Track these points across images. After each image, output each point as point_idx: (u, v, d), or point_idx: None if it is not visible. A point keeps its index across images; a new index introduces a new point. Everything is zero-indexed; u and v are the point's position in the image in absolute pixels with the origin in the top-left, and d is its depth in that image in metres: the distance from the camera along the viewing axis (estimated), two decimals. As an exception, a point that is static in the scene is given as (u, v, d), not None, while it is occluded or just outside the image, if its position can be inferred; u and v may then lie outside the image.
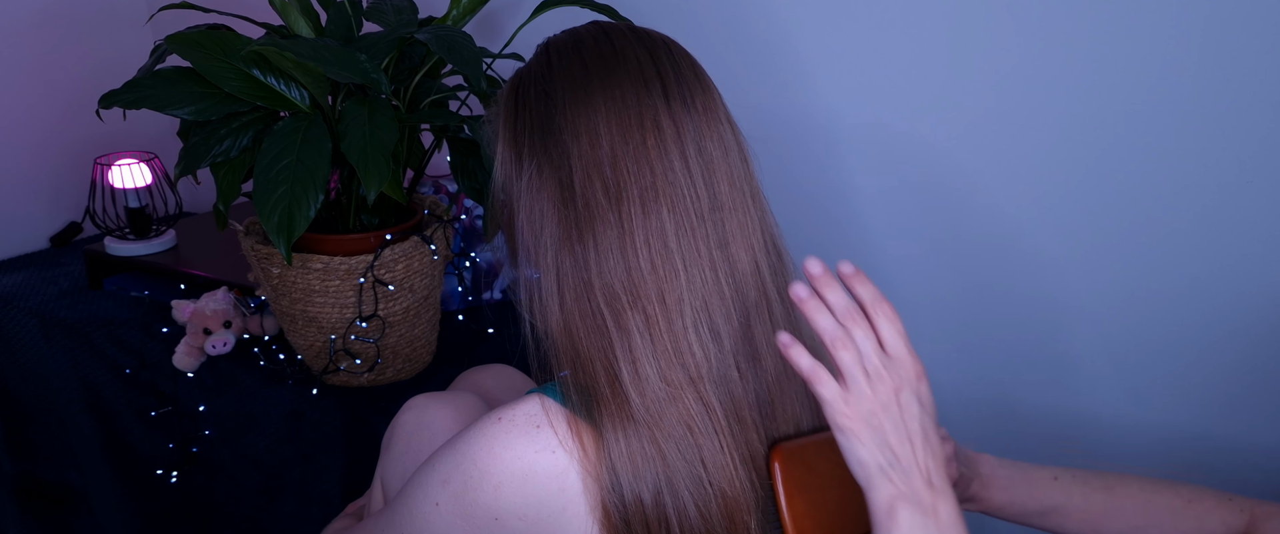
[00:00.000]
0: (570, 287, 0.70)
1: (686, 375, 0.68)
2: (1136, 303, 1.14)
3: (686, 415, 0.68)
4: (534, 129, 0.72)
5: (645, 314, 0.68)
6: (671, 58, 0.73)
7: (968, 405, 1.31)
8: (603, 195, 0.69)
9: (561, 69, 0.72)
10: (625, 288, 0.69)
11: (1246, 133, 1.02)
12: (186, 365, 1.32)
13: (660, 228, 0.69)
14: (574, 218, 0.70)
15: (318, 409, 1.28)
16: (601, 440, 0.68)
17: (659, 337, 0.68)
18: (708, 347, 0.69)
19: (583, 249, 0.69)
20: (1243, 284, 1.07)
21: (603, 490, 0.67)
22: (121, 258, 1.58)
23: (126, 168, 1.58)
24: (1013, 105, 1.14)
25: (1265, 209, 1.03)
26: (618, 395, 0.68)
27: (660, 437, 0.67)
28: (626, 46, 0.73)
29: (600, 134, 0.70)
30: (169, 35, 1.09)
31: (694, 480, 0.68)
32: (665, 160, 0.69)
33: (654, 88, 0.71)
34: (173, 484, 1.36)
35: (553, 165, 0.71)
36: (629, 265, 0.69)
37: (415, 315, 1.27)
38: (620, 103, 0.70)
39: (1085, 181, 1.12)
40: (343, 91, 1.14)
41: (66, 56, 1.77)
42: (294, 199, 1.02)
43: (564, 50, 0.74)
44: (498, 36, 1.51)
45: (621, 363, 0.68)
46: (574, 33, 0.75)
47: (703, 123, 0.72)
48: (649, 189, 0.69)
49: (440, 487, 0.70)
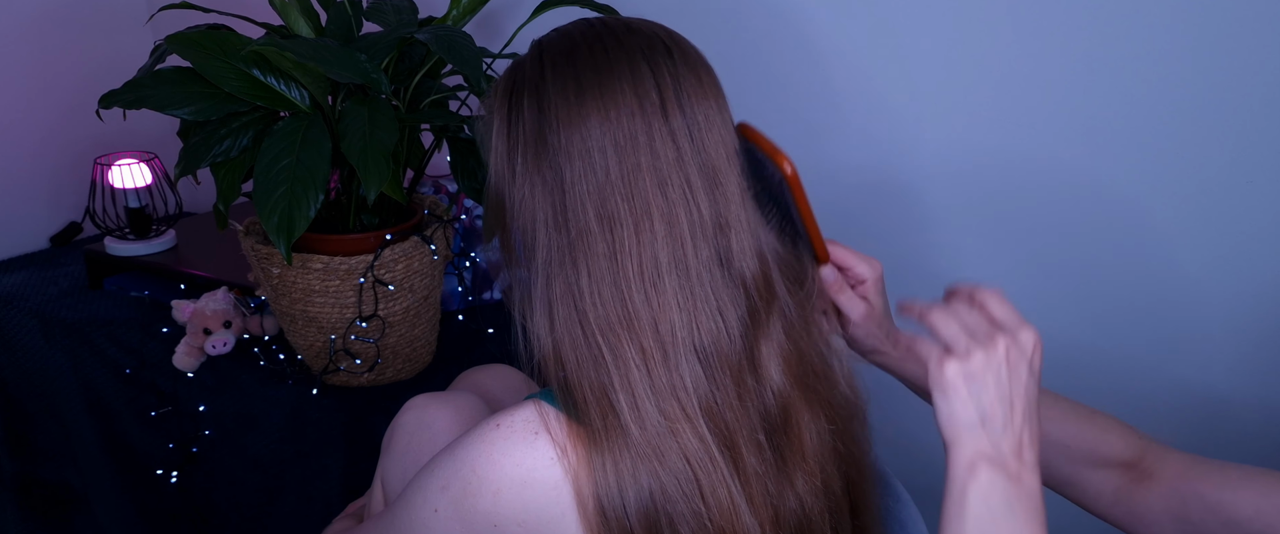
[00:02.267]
0: (561, 313, 0.68)
1: (682, 410, 0.67)
2: (1137, 303, 1.14)
3: (685, 449, 0.67)
4: (527, 145, 0.69)
5: (641, 347, 0.67)
6: (671, 61, 0.69)
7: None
8: (596, 222, 0.67)
9: (555, 80, 0.69)
10: (620, 320, 0.67)
11: (1246, 133, 1.02)
12: (186, 365, 1.32)
13: (654, 256, 0.67)
14: (567, 243, 0.68)
15: (318, 409, 1.28)
16: (596, 458, 0.67)
17: (655, 369, 0.67)
18: (700, 378, 0.68)
19: (575, 275, 0.67)
20: (1243, 284, 1.07)
21: (597, 503, 0.67)
22: (121, 258, 1.58)
23: (126, 168, 1.58)
24: (1012, 105, 1.14)
25: (1265, 209, 1.03)
26: (614, 426, 0.66)
27: (660, 470, 0.66)
28: (621, 56, 0.69)
29: (594, 157, 0.67)
30: (169, 35, 1.09)
31: (693, 514, 0.67)
32: (663, 183, 0.67)
33: (652, 104, 0.67)
34: (173, 484, 1.36)
35: (546, 187, 0.68)
36: (623, 296, 0.67)
37: (415, 315, 1.27)
38: (616, 125, 0.67)
39: (1085, 181, 1.12)
40: (343, 91, 1.14)
41: (66, 56, 1.77)
42: (294, 199, 1.02)
43: (558, 58, 0.70)
44: (498, 36, 1.51)
45: (619, 394, 0.66)
46: (568, 36, 0.71)
47: (705, 132, 0.69)
48: (644, 215, 0.67)
49: (439, 493, 0.70)
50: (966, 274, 1.24)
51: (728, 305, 0.69)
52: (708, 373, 0.68)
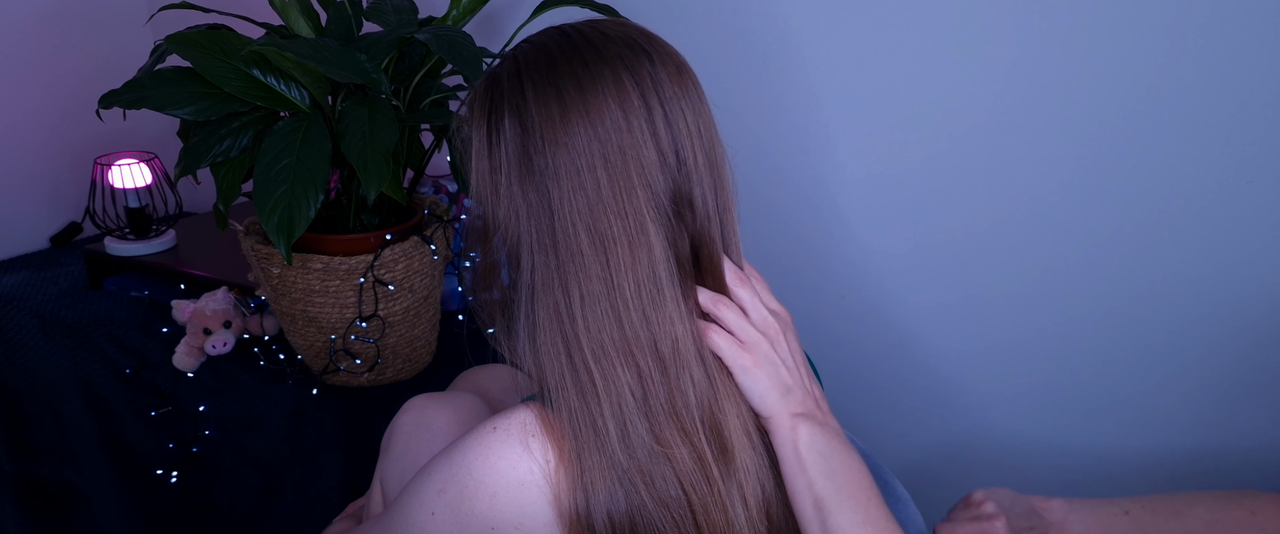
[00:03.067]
0: (546, 339, 0.67)
1: (681, 428, 0.66)
2: (1136, 303, 1.14)
3: (679, 472, 0.66)
4: (512, 165, 0.67)
5: (639, 369, 0.66)
6: (651, 64, 0.67)
7: (959, 402, 1.31)
8: (588, 243, 0.65)
9: (537, 98, 0.66)
10: (616, 343, 0.65)
11: (1246, 133, 1.02)
12: (186, 365, 1.32)
13: (651, 271, 0.65)
14: (557, 266, 0.66)
15: (318, 409, 1.28)
16: (580, 481, 0.66)
17: (653, 391, 0.66)
18: (704, 386, 0.67)
19: (565, 299, 0.66)
20: (1242, 285, 1.07)
21: (578, 521, 0.66)
22: (121, 258, 1.58)
23: (126, 168, 1.58)
24: (1012, 105, 1.14)
25: (1265, 209, 1.03)
26: (602, 451, 0.65)
27: (646, 496, 0.66)
28: (603, 67, 0.66)
29: (583, 175, 0.65)
30: (169, 35, 1.09)
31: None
32: (655, 193, 0.66)
33: (636, 113, 0.66)
34: (173, 484, 1.36)
35: (533, 209, 0.67)
36: (619, 317, 0.65)
37: (415, 315, 1.27)
38: (604, 142, 0.65)
39: (1085, 181, 1.12)
40: (343, 91, 1.14)
41: (66, 56, 1.77)
42: (294, 199, 1.02)
43: (536, 74, 0.67)
44: (498, 36, 1.51)
45: (609, 421, 0.65)
46: (544, 50, 0.68)
47: (692, 140, 0.68)
48: (639, 231, 0.65)
49: (436, 495, 0.70)
50: (965, 273, 1.25)
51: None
52: (711, 380, 0.68)
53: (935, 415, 1.35)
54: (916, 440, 1.38)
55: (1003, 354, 1.26)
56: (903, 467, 1.38)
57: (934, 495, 1.36)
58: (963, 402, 1.31)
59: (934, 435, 1.36)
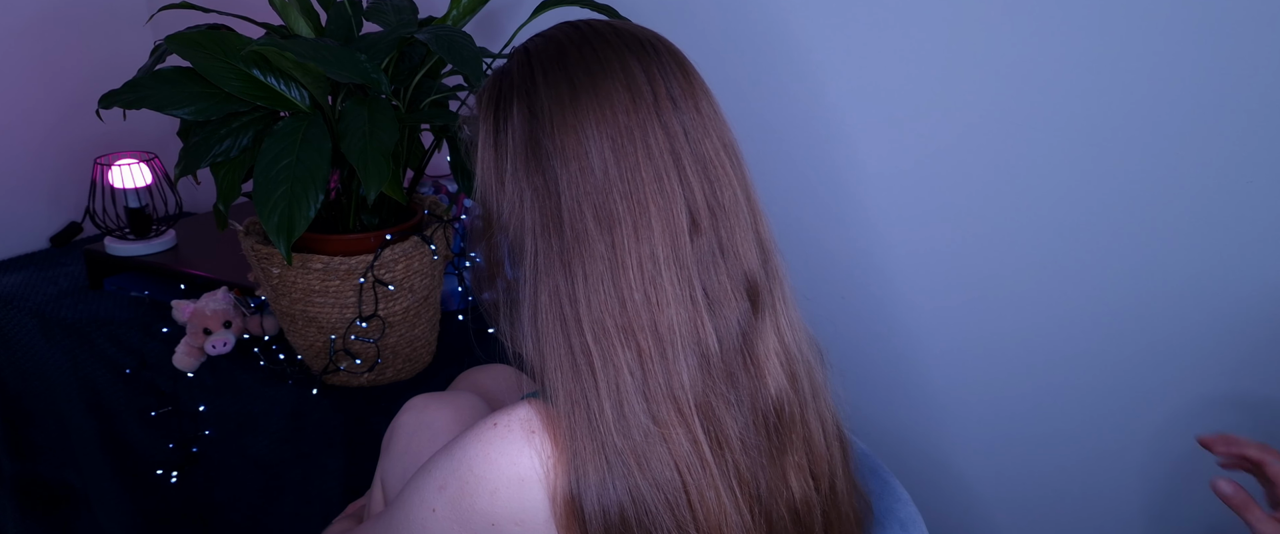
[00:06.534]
0: (546, 321, 0.67)
1: (678, 409, 0.66)
2: (1137, 303, 1.14)
3: (674, 454, 0.66)
4: (518, 151, 0.69)
5: (639, 348, 0.66)
6: (660, 60, 0.70)
7: (959, 402, 1.31)
8: (594, 223, 0.66)
9: (547, 83, 0.68)
10: (618, 322, 0.66)
11: (1246, 133, 1.02)
12: (186, 365, 1.32)
13: (653, 252, 0.66)
14: (560, 248, 0.67)
15: (318, 409, 1.28)
16: (573, 465, 0.66)
17: (651, 371, 0.66)
18: (697, 372, 0.67)
19: (568, 282, 0.66)
20: (1242, 285, 1.07)
21: (572, 507, 0.66)
22: (121, 258, 1.58)
23: (126, 168, 1.58)
24: (1013, 105, 1.14)
25: (1265, 209, 1.03)
26: (596, 433, 0.65)
27: (640, 478, 0.66)
28: (612, 56, 0.69)
29: (592, 157, 0.66)
30: (169, 35, 1.09)
31: (677, 525, 0.67)
32: (662, 178, 0.67)
33: (645, 99, 0.67)
34: (173, 484, 1.36)
35: (538, 193, 0.68)
36: (622, 297, 0.66)
37: (415, 315, 1.27)
38: (612, 123, 0.67)
39: (1087, 181, 1.12)
40: (343, 91, 1.14)
41: (66, 56, 1.77)
42: (294, 199, 1.02)
43: (547, 61, 0.69)
44: (498, 36, 1.51)
45: (605, 401, 0.65)
46: (554, 40, 0.71)
47: (699, 129, 0.69)
48: (643, 212, 0.66)
49: (437, 493, 0.70)
50: (966, 273, 1.25)
51: (729, 296, 0.69)
52: (705, 366, 0.68)
53: (935, 415, 1.35)
54: (917, 440, 1.38)
55: (1003, 354, 1.26)
56: (903, 466, 1.38)
57: (934, 495, 1.36)
58: (963, 402, 1.31)
59: (934, 435, 1.36)
